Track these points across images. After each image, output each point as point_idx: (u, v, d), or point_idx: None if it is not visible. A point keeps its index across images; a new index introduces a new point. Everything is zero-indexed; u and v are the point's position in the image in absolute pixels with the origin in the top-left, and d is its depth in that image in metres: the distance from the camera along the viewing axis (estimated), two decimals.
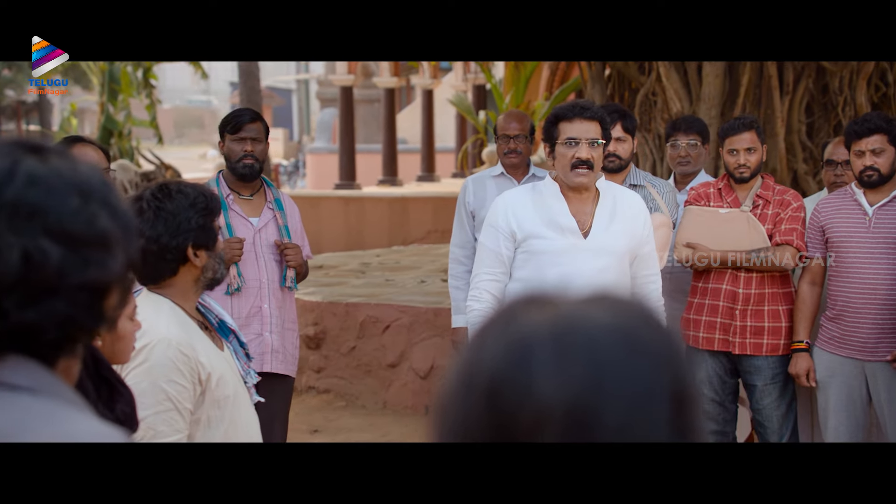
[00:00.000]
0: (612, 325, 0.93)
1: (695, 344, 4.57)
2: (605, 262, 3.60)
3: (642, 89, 7.91)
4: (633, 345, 0.92)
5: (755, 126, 4.49)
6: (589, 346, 0.90)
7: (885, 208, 4.31)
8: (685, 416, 0.93)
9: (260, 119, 4.54)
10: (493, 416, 0.91)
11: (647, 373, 0.91)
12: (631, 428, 0.89)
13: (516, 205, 3.66)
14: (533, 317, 0.94)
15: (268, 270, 4.44)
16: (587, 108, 3.62)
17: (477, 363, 0.93)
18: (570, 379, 0.89)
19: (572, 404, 0.88)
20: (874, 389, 4.34)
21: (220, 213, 2.77)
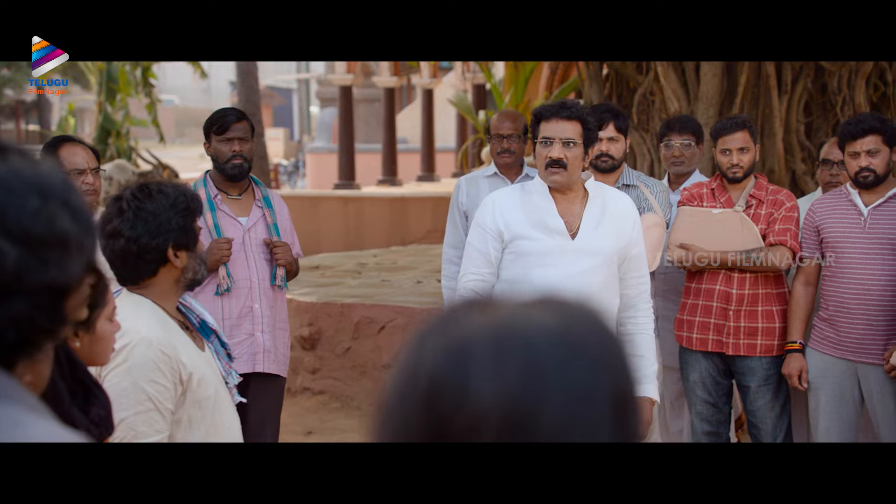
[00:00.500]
0: (552, 329, 0.92)
1: (688, 345, 4.55)
2: (592, 263, 3.56)
3: (640, 89, 7.89)
4: (573, 348, 0.91)
5: (748, 126, 4.47)
6: (528, 350, 0.90)
7: (881, 209, 4.28)
8: (626, 420, 0.93)
9: (245, 118, 4.51)
10: (430, 418, 0.91)
11: (586, 376, 0.90)
12: (569, 431, 0.89)
13: (504, 205, 3.62)
14: (474, 320, 0.93)
15: (258, 270, 4.41)
16: (567, 107, 3.57)
17: (416, 366, 0.93)
18: (508, 382, 0.88)
19: (509, 408, 0.88)
20: (866, 390, 4.32)
21: (200, 214, 2.75)
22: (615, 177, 4.56)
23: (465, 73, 19.39)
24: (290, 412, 6.86)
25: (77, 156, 4.19)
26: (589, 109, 3.66)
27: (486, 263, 3.63)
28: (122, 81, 16.17)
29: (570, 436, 0.89)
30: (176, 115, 39.76)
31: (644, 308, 3.76)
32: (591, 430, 0.90)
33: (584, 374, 0.91)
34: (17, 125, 27.56)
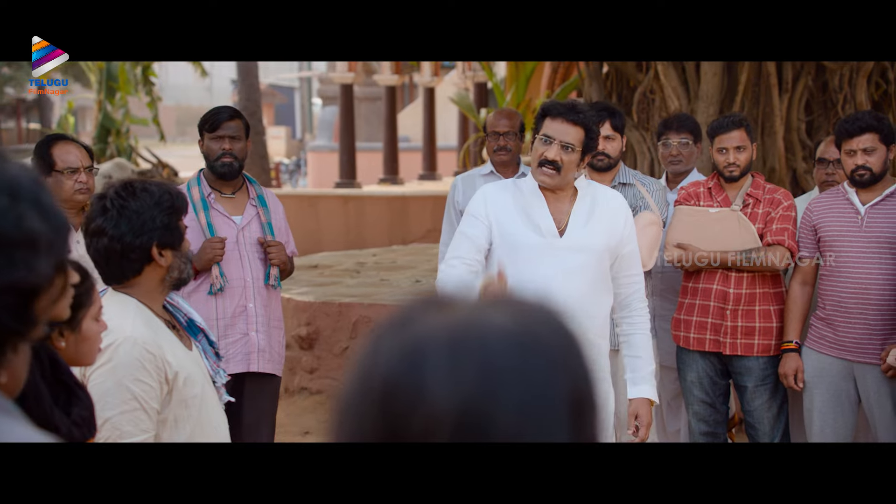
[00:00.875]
0: (509, 329, 0.91)
1: (685, 344, 4.52)
2: (581, 261, 3.52)
3: (640, 87, 7.85)
4: (529, 348, 0.91)
5: (744, 124, 4.44)
6: (484, 350, 0.89)
7: (878, 207, 4.26)
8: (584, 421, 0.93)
9: (239, 117, 4.48)
10: (385, 419, 0.90)
11: (542, 376, 0.90)
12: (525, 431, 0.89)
13: (497, 199, 3.58)
14: (430, 320, 0.93)
15: (252, 269, 4.38)
16: (576, 111, 3.50)
17: (371, 367, 0.93)
18: (463, 383, 0.88)
19: (464, 409, 0.88)
20: (863, 391, 4.29)
21: (186, 213, 2.72)
22: (611, 175, 4.54)
23: (465, 72, 19.36)
24: (288, 412, 6.83)
25: (71, 154, 4.17)
26: (593, 114, 3.59)
27: (475, 250, 3.55)
28: (122, 80, 16.14)
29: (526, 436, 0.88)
30: (178, 113, 39.81)
31: (639, 308, 3.73)
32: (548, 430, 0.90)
33: (540, 375, 0.90)
34: (18, 124, 27.56)
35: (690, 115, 5.33)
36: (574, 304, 3.45)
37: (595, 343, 3.56)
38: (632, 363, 3.70)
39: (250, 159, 18.58)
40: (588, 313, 3.52)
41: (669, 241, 4.49)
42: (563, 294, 3.44)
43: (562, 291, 3.44)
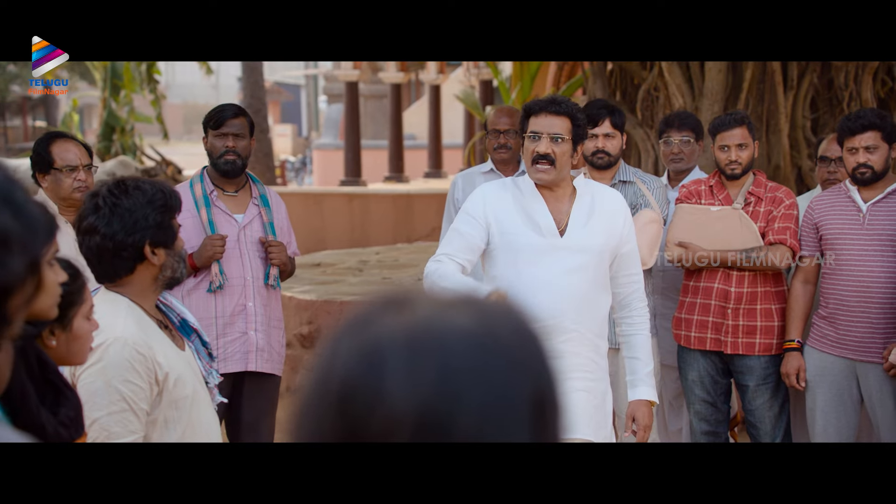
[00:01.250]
0: (470, 330, 0.91)
1: (686, 343, 4.50)
2: (581, 261, 3.49)
3: (644, 84, 7.81)
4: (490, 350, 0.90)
5: (746, 121, 4.41)
6: (443, 351, 0.89)
7: (879, 205, 4.23)
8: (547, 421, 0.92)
9: (244, 114, 4.45)
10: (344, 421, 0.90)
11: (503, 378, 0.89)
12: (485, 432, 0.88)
13: (496, 198, 3.54)
14: (389, 321, 0.92)
15: (252, 268, 4.36)
16: (557, 102, 3.49)
17: (330, 368, 0.92)
18: (422, 385, 0.88)
19: (423, 410, 0.87)
20: (866, 390, 4.27)
21: (179, 211, 2.70)
22: (612, 173, 4.51)
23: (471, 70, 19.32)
24: (289, 411, 6.81)
25: (69, 152, 4.15)
26: (575, 104, 3.57)
27: (467, 250, 3.50)
28: (127, 78, 16.11)
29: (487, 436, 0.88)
30: (184, 111, 39.80)
31: (639, 308, 3.70)
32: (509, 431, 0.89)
33: (500, 375, 0.90)
34: (24, 121, 27.57)
35: (692, 112, 5.28)
36: (574, 304, 3.46)
37: (594, 343, 3.54)
38: (631, 364, 3.68)
39: (255, 157, 18.62)
40: (588, 313, 3.51)
41: (670, 239, 4.46)
42: (563, 294, 3.43)
43: (562, 291, 3.42)
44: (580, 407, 3.47)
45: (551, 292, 3.42)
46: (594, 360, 3.54)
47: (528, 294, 3.39)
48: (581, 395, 3.48)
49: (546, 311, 3.40)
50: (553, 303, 3.41)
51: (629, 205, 4.45)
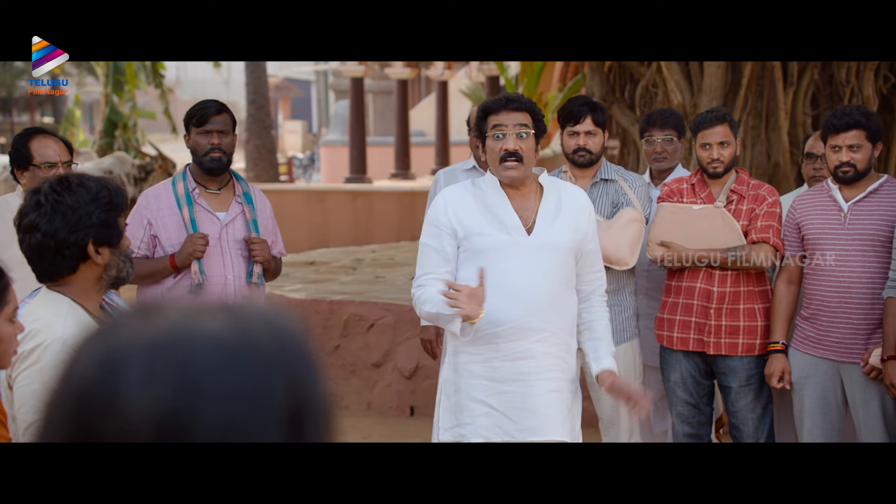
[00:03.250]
0: (220, 336, 0.89)
1: (669, 344, 4.44)
2: (551, 259, 3.45)
3: (643, 81, 7.74)
4: (240, 355, 0.88)
5: (728, 119, 4.34)
6: (187, 359, 0.87)
7: (860, 204, 4.17)
8: (307, 428, 0.91)
9: (226, 111, 4.37)
10: (80, 429, 0.87)
11: (252, 385, 0.87)
12: (230, 437, 0.86)
13: (457, 202, 3.50)
14: (134, 328, 0.89)
15: (234, 266, 4.28)
16: (514, 99, 3.47)
17: (70, 375, 0.90)
18: (162, 393, 0.85)
19: (163, 419, 0.85)
20: (849, 391, 4.21)
21: (126, 209, 2.62)
22: (594, 171, 4.45)
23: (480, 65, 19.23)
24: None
25: (48, 148, 4.10)
26: (529, 99, 3.53)
27: (443, 262, 3.50)
28: (130, 73, 16.06)
29: (232, 440, 0.86)
30: None
31: (598, 300, 3.66)
32: (257, 435, 0.87)
33: (249, 383, 0.87)
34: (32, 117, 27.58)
35: (675, 109, 5.19)
36: (545, 303, 3.39)
37: (565, 342, 3.49)
38: (592, 345, 3.61)
39: (258, 154, 18.60)
40: (558, 312, 3.48)
41: (652, 238, 4.40)
42: (534, 293, 3.37)
43: (533, 290, 3.37)
44: (554, 408, 3.42)
45: (522, 292, 3.37)
46: (565, 360, 3.50)
47: (499, 294, 3.33)
48: (555, 395, 3.44)
49: (517, 310, 3.35)
50: (524, 302, 3.37)
51: (611, 203, 4.38)
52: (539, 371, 3.42)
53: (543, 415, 3.40)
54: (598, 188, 4.44)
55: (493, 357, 3.41)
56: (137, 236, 4.22)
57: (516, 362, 3.40)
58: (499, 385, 3.41)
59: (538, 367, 3.41)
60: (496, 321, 3.37)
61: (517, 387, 3.40)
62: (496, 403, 3.41)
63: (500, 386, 3.41)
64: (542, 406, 3.41)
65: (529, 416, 3.39)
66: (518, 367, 3.40)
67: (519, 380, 3.40)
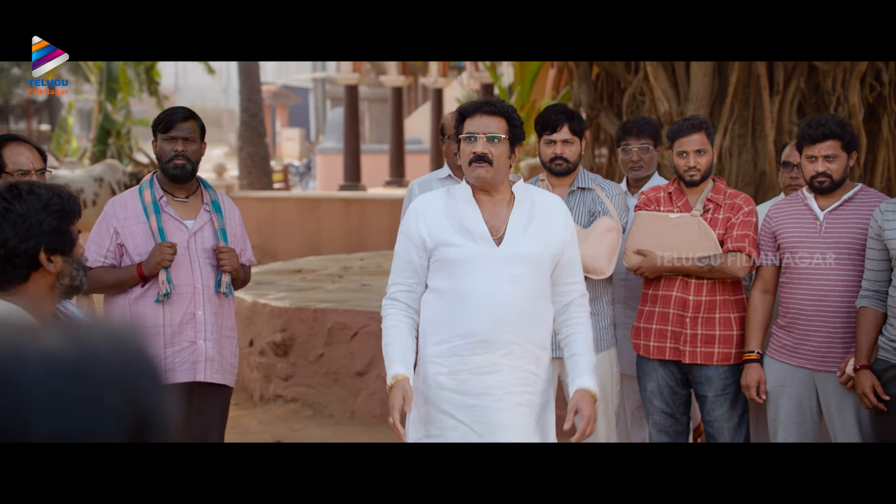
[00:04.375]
0: (55, 354, 0.89)
1: (645, 353, 4.42)
2: (520, 270, 3.38)
3: (630, 89, 7.71)
4: (73, 372, 0.89)
5: (705, 127, 4.33)
6: (21, 377, 0.87)
7: (836, 213, 4.16)
8: (146, 436, 0.92)
9: (194, 118, 4.33)
10: None
11: (85, 400, 0.88)
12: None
13: (428, 211, 3.45)
14: None
15: (202, 275, 4.24)
16: (491, 103, 3.43)
17: None
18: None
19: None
20: (824, 400, 4.19)
21: (79, 216, 2.58)
22: (571, 179, 4.42)
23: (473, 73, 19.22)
24: (261, 420, 6.71)
25: (21, 156, 4.06)
26: (509, 105, 3.48)
27: (411, 273, 3.47)
28: (123, 81, 16.04)
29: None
30: None
31: (578, 310, 3.60)
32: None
33: (80, 396, 0.88)
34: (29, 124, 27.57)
35: (651, 118, 5.17)
36: (514, 316, 3.36)
37: (535, 355, 3.43)
38: (571, 361, 3.57)
39: (251, 161, 18.58)
40: (529, 325, 3.42)
41: (629, 247, 4.38)
42: (502, 306, 3.32)
43: (501, 303, 3.32)
44: (521, 423, 3.37)
45: (490, 304, 3.32)
46: (534, 373, 3.44)
47: (466, 307, 3.29)
48: (522, 409, 3.38)
49: (484, 323, 3.31)
50: (492, 315, 3.32)
51: (588, 212, 4.35)
52: (506, 385, 3.36)
53: (510, 429, 3.35)
54: (576, 197, 4.42)
55: (461, 370, 3.36)
56: (104, 245, 4.19)
57: (483, 376, 3.35)
58: (466, 398, 3.36)
59: (505, 380, 3.36)
60: (463, 334, 3.33)
61: (484, 401, 3.35)
62: (463, 417, 3.36)
63: (467, 399, 3.36)
64: (509, 420, 3.36)
65: (495, 430, 3.34)
66: (485, 380, 3.35)
67: (486, 394, 3.35)
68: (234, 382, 4.48)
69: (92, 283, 4.21)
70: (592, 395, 3.47)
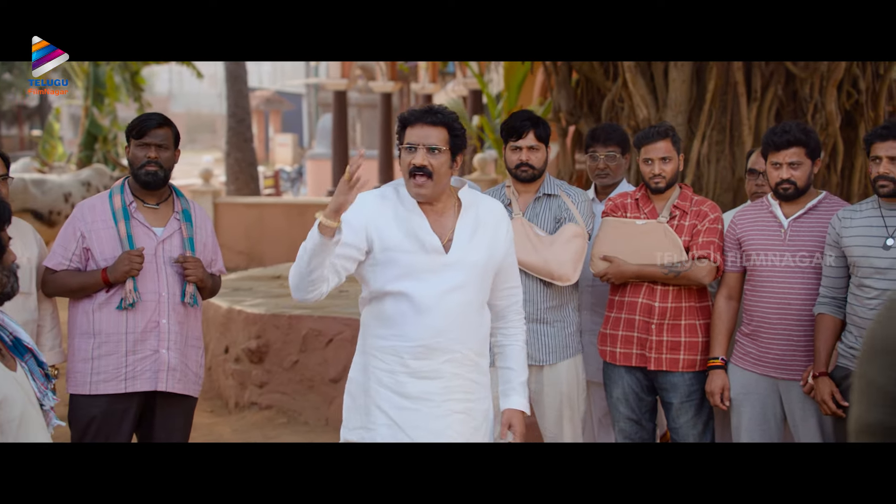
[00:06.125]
0: None
1: (612, 360, 4.42)
2: (466, 278, 3.35)
3: (609, 95, 7.69)
4: None
5: (670, 134, 4.32)
6: None
7: (800, 220, 4.16)
8: None
9: (168, 125, 4.29)
10: None
11: None
12: None
13: (376, 211, 3.35)
14: None
15: (168, 284, 4.20)
16: (433, 112, 3.34)
17: None
18: None
19: None
20: (788, 408, 4.19)
21: (8, 223, 2.56)
22: (536, 186, 4.42)
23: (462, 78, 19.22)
24: (235, 427, 6.69)
25: None
26: (451, 112, 3.42)
27: (344, 257, 3.24)
28: (110, 86, 16.01)
29: None
30: (187, 120, 39.75)
31: (515, 319, 3.58)
32: None
33: None
34: (20, 129, 27.57)
35: (618, 125, 5.15)
36: (457, 323, 3.32)
37: (475, 362, 3.40)
38: (504, 375, 3.55)
39: (238, 167, 18.53)
40: (470, 332, 3.37)
41: (595, 253, 4.38)
42: (446, 313, 3.28)
43: (445, 311, 3.28)
44: (457, 431, 3.33)
45: (434, 311, 3.27)
46: (475, 381, 3.40)
47: (412, 313, 3.25)
48: (459, 417, 3.34)
49: (428, 329, 3.27)
50: (435, 322, 3.27)
51: (553, 218, 4.34)
52: (445, 392, 3.32)
53: (445, 437, 3.31)
54: (541, 203, 4.41)
55: (400, 372, 3.30)
56: (70, 248, 4.17)
57: (423, 381, 3.30)
58: (403, 400, 3.30)
59: (445, 388, 3.32)
60: (406, 337, 3.29)
61: (422, 406, 3.30)
62: (397, 418, 3.30)
63: (404, 402, 3.30)
64: (445, 428, 3.31)
65: (428, 436, 3.30)
66: (424, 385, 3.30)
67: (424, 399, 3.30)
68: (199, 392, 4.44)
69: (55, 286, 4.19)
70: (523, 413, 3.49)
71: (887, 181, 3.84)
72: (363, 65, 21.68)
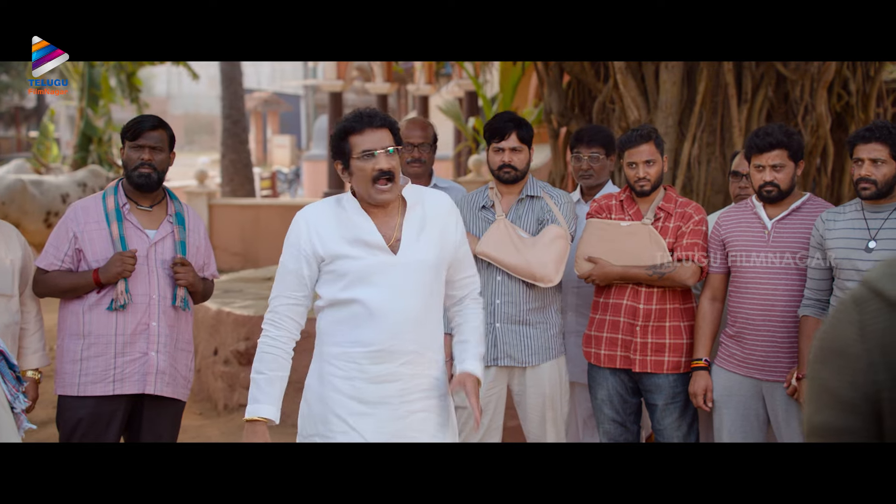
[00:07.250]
0: None
1: (596, 361, 4.44)
2: (418, 277, 3.32)
3: (600, 97, 7.69)
4: None
5: (654, 137, 4.34)
6: None
7: (784, 222, 4.18)
8: None
9: (163, 127, 4.29)
10: None
11: None
12: None
13: (319, 223, 3.33)
14: None
15: (159, 287, 4.20)
16: (374, 116, 3.34)
17: None
18: None
19: None
20: (771, 410, 4.20)
21: None
22: (519, 187, 4.42)
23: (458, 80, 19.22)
24: (224, 430, 6.67)
25: None
26: (387, 115, 3.44)
27: (299, 286, 3.36)
28: (105, 88, 16.00)
29: None
30: (186, 121, 39.76)
31: (471, 302, 3.57)
32: None
33: None
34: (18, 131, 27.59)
35: (603, 126, 5.16)
36: (412, 324, 3.31)
37: (433, 359, 3.38)
38: (459, 347, 3.52)
39: (233, 168, 18.52)
40: (426, 330, 3.35)
41: (580, 254, 4.40)
42: (401, 315, 3.26)
43: (400, 312, 3.26)
44: (422, 431, 3.32)
45: (389, 314, 3.25)
46: (434, 377, 3.38)
47: (366, 318, 3.23)
48: (420, 416, 3.33)
49: (384, 333, 3.25)
50: (391, 325, 3.25)
51: (536, 220, 4.34)
52: (404, 394, 3.30)
53: (406, 437, 3.29)
54: (524, 204, 4.40)
55: (357, 377, 3.27)
56: (62, 249, 4.17)
57: (382, 385, 3.27)
58: (361, 406, 3.27)
59: (404, 389, 3.30)
60: (361, 343, 3.26)
61: (381, 410, 3.27)
62: (356, 424, 3.27)
63: (362, 407, 3.27)
64: (407, 429, 3.30)
65: (388, 439, 3.27)
66: (383, 389, 3.27)
67: (383, 403, 3.28)
68: (188, 396, 4.44)
69: (47, 286, 4.20)
70: (477, 378, 3.44)
71: (869, 183, 3.85)
72: (359, 66, 21.70)
